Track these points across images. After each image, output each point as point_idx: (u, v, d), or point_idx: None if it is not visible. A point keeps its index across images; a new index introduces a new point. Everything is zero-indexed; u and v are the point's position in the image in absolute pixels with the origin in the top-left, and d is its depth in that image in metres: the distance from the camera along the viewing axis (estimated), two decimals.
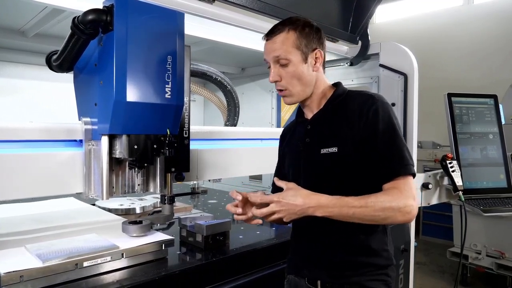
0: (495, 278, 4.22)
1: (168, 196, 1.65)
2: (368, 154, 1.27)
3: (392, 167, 1.25)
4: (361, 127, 1.28)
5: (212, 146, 1.92)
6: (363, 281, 1.31)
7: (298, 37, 1.34)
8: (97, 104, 1.39)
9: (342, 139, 1.31)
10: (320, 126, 1.41)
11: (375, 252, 1.33)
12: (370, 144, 1.27)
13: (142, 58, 1.33)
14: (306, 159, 1.41)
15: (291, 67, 1.34)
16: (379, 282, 1.32)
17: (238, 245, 1.75)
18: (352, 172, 1.31)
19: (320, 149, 1.35)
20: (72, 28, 1.32)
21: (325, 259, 1.36)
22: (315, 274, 1.38)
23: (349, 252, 1.33)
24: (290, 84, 1.36)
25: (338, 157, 1.31)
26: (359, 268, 1.32)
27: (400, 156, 1.26)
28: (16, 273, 1.19)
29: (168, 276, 1.40)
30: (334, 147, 1.32)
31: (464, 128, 3.01)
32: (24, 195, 1.37)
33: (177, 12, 1.43)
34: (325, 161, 1.34)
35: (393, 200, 1.19)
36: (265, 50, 1.39)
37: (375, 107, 1.28)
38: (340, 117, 1.35)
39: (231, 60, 3.44)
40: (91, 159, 1.44)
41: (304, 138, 1.43)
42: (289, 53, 1.33)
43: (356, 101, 1.34)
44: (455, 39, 6.99)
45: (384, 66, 2.63)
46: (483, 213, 2.86)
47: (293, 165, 1.48)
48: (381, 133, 1.26)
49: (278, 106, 3.51)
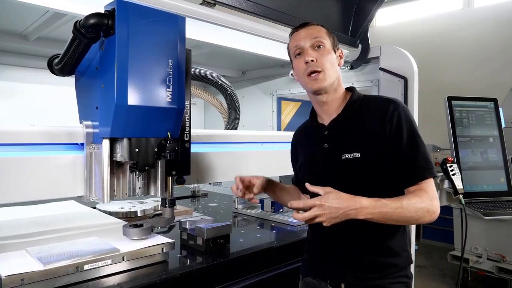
0: (496, 281, 4.21)
1: (169, 199, 1.65)
2: (392, 159, 1.31)
3: (418, 171, 1.30)
4: (385, 133, 1.31)
5: (213, 149, 1.92)
6: (387, 284, 1.33)
7: (327, 31, 1.45)
8: (98, 107, 1.39)
9: (364, 144, 1.34)
10: (339, 131, 1.42)
11: (396, 253, 1.36)
12: (395, 149, 1.31)
13: (143, 62, 1.33)
14: (325, 165, 1.42)
15: (325, 51, 1.40)
16: (401, 285, 1.35)
17: (239, 248, 1.75)
18: (374, 177, 1.33)
19: (341, 154, 1.36)
20: (73, 32, 1.32)
21: (350, 261, 1.37)
22: (339, 276, 1.39)
23: (373, 253, 1.35)
24: (325, 66, 1.39)
25: (361, 162, 1.33)
26: (382, 269, 1.34)
27: (425, 159, 1.31)
28: (17, 276, 1.19)
29: (169, 279, 1.40)
30: (356, 152, 1.34)
31: (464, 131, 3.02)
32: (25, 198, 1.38)
33: (178, 16, 1.44)
34: (347, 166, 1.35)
35: (423, 201, 1.25)
36: (299, 36, 1.43)
37: (398, 112, 1.32)
38: (360, 122, 1.38)
39: (231, 63, 3.45)
40: (92, 163, 1.44)
41: (322, 143, 1.44)
42: (324, 38, 1.41)
43: (376, 106, 1.38)
44: (455, 43, 7.00)
45: (384, 69, 2.63)
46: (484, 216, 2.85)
47: (310, 170, 1.50)
48: (406, 138, 1.30)
49: (279, 110, 3.51)
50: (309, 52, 1.39)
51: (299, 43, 1.42)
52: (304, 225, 2.23)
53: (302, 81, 1.44)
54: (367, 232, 1.34)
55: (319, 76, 1.38)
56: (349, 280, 1.36)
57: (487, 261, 4.10)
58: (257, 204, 2.60)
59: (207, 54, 2.76)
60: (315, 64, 1.38)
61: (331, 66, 1.40)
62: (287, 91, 3.42)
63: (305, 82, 1.42)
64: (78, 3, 1.66)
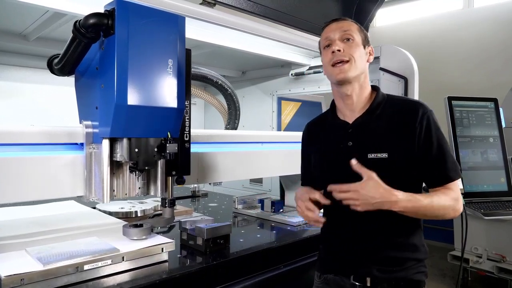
0: (496, 281, 4.20)
1: (169, 199, 1.65)
2: (420, 161, 1.35)
3: (447, 173, 1.36)
4: (415, 135, 1.35)
5: (213, 149, 1.92)
6: (409, 275, 1.39)
7: (359, 27, 1.47)
8: (98, 107, 1.39)
9: (392, 145, 1.36)
10: (364, 130, 1.43)
11: (417, 248, 1.42)
12: (424, 152, 1.35)
13: (143, 62, 1.33)
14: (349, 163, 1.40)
15: (354, 44, 1.41)
16: (421, 274, 1.42)
17: (239, 248, 1.75)
18: (400, 178, 1.34)
19: (367, 153, 1.37)
20: (73, 31, 1.32)
21: (375, 257, 1.40)
22: (364, 271, 1.41)
23: (397, 249, 1.40)
24: (353, 56, 1.40)
25: (389, 163, 1.34)
26: (404, 263, 1.39)
27: (453, 162, 1.37)
28: (17, 276, 1.19)
29: (169, 279, 1.41)
30: (384, 152, 1.36)
31: (465, 131, 3.02)
32: (25, 198, 1.38)
33: (178, 16, 1.44)
34: (374, 166, 1.34)
35: (450, 199, 1.33)
36: (330, 29, 1.45)
37: (427, 116, 1.37)
38: (387, 123, 1.41)
39: (231, 63, 3.45)
40: (92, 163, 1.44)
41: (346, 141, 1.44)
42: (354, 32, 1.43)
43: (404, 108, 1.41)
44: (455, 43, 7.00)
45: (384, 69, 2.63)
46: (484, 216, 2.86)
47: (330, 168, 1.49)
48: (436, 142, 1.35)
49: (279, 110, 3.51)
50: (336, 42, 1.41)
51: (329, 35, 1.44)
52: (305, 225, 2.23)
53: (327, 71, 1.45)
54: (389, 229, 1.39)
55: (344, 66, 1.39)
56: (375, 274, 1.39)
57: (487, 261, 4.09)
58: (257, 204, 2.61)
59: (207, 54, 2.76)
60: (341, 54, 1.39)
61: (359, 58, 1.41)
62: (287, 91, 3.41)
63: (329, 72, 1.43)
64: (78, 3, 1.66)
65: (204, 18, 1.86)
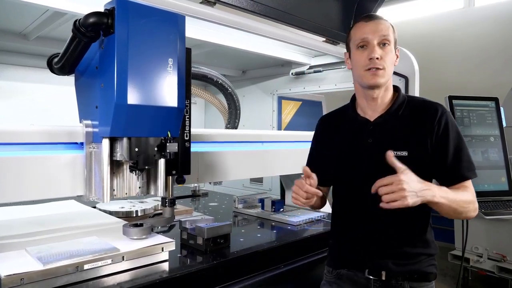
0: (496, 281, 4.20)
1: (169, 198, 1.65)
2: (437, 160, 1.39)
3: (463, 172, 1.40)
4: (433, 135, 1.39)
5: (213, 148, 1.92)
6: (422, 267, 1.44)
7: (393, 29, 1.47)
8: (98, 106, 1.39)
9: (412, 143, 1.40)
10: (385, 128, 1.45)
11: (428, 243, 1.47)
12: (442, 150, 1.39)
13: (143, 61, 1.33)
14: (370, 160, 1.43)
15: (389, 49, 1.43)
16: (433, 267, 1.47)
17: (239, 248, 1.75)
18: (420, 175, 1.32)
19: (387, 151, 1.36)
20: (73, 31, 1.32)
21: (389, 251, 1.43)
22: (379, 265, 1.44)
23: (409, 244, 1.44)
24: (387, 64, 1.42)
25: (409, 161, 1.34)
26: (417, 257, 1.44)
27: (468, 161, 1.41)
28: (16, 276, 1.19)
29: (169, 279, 1.40)
30: (404, 151, 1.38)
31: (465, 130, 3.01)
32: (25, 197, 1.37)
33: (178, 15, 1.44)
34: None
35: (471, 195, 1.38)
36: (368, 29, 1.43)
37: (446, 116, 1.41)
38: (407, 122, 1.44)
39: (232, 62, 3.44)
40: (92, 162, 1.44)
41: (366, 138, 1.46)
42: (390, 36, 1.44)
43: (424, 108, 1.45)
44: (456, 42, 6.99)
45: None
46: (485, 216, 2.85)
47: (349, 164, 1.50)
48: (452, 141, 1.39)
49: (279, 109, 3.51)
50: (376, 49, 1.40)
51: (367, 37, 1.42)
52: (305, 225, 2.23)
53: (358, 74, 1.45)
54: (402, 225, 1.43)
55: (379, 72, 1.41)
56: (390, 267, 1.42)
57: (487, 261, 4.09)
58: (257, 204, 2.60)
59: (208, 53, 2.76)
60: (379, 62, 1.40)
61: (391, 64, 1.44)
62: (287, 91, 3.41)
63: (361, 75, 1.44)
64: (78, 2, 1.65)
65: (204, 17, 1.86)
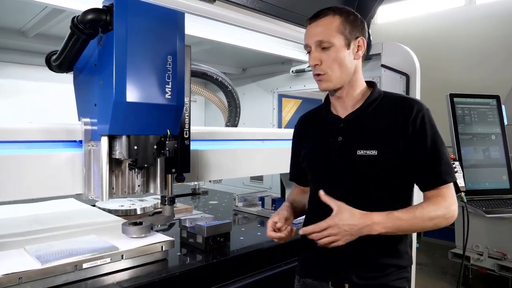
0: (497, 279, 4.19)
1: (169, 197, 1.64)
2: (411, 161, 1.29)
3: (440, 176, 1.28)
4: (408, 134, 1.29)
5: (213, 146, 1.91)
6: (389, 281, 1.33)
7: (342, 22, 1.33)
8: (97, 104, 1.38)
9: (382, 142, 1.31)
10: (355, 126, 1.38)
11: (399, 254, 1.36)
12: (416, 151, 1.29)
13: (142, 58, 1.32)
14: (338, 158, 1.37)
15: (333, 52, 1.32)
16: (403, 280, 1.36)
17: (239, 247, 1.74)
18: (390, 176, 1.31)
19: (356, 150, 1.32)
20: (71, 27, 1.31)
21: (354, 262, 1.35)
22: (342, 276, 1.36)
23: (378, 254, 1.34)
24: (330, 68, 1.33)
25: (378, 161, 1.30)
26: (385, 269, 1.34)
27: (446, 164, 1.29)
28: (15, 275, 1.18)
29: (168, 277, 1.40)
30: (373, 149, 1.30)
31: (466, 128, 3.00)
32: (24, 196, 1.36)
33: (177, 12, 1.42)
34: (362, 163, 1.32)
35: (438, 208, 1.25)
36: (308, 34, 1.37)
37: (422, 114, 1.30)
38: (379, 120, 1.35)
39: (232, 60, 3.43)
40: (91, 160, 1.43)
41: (336, 136, 1.39)
42: (333, 37, 1.32)
43: (399, 105, 1.35)
44: (457, 40, 6.97)
45: (386, 66, 2.61)
46: (486, 214, 2.85)
47: (319, 162, 1.45)
48: (430, 142, 1.28)
49: (279, 107, 3.50)
50: (313, 55, 1.35)
51: (308, 42, 1.37)
52: None
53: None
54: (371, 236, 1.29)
55: (323, 78, 1.35)
56: (353, 280, 1.34)
57: (488, 259, 4.08)
58: (258, 202, 2.60)
59: (207, 51, 2.75)
60: (319, 68, 1.34)
61: (339, 66, 1.33)
62: (287, 88, 3.40)
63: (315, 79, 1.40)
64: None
65: (204, 14, 1.85)
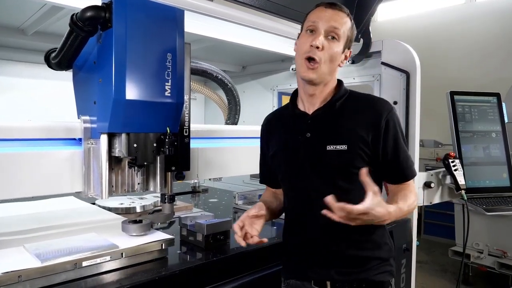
0: (497, 277, 4.20)
1: (168, 195, 1.64)
2: (378, 157, 1.34)
3: (403, 172, 1.37)
4: (381, 133, 1.32)
5: (213, 144, 1.91)
6: (371, 276, 1.34)
7: (351, 27, 1.37)
8: (96, 102, 1.38)
9: (352, 138, 1.33)
10: (324, 122, 1.38)
11: (378, 245, 1.38)
12: (383, 148, 1.33)
13: (142, 56, 1.31)
14: (307, 155, 1.37)
15: (335, 46, 1.32)
16: (385, 274, 1.37)
17: (239, 245, 1.73)
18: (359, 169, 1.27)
19: (326, 145, 1.33)
20: (70, 25, 1.30)
21: (333, 258, 1.35)
22: (323, 275, 1.36)
23: (355, 247, 1.35)
24: (326, 58, 1.32)
25: (348, 155, 1.31)
26: (365, 263, 1.34)
27: (408, 160, 1.38)
28: (14, 273, 1.17)
29: (168, 275, 1.39)
30: (343, 144, 1.32)
31: (467, 126, 2.99)
32: (23, 194, 1.36)
33: (176, 9, 1.42)
34: (333, 158, 1.32)
35: (412, 202, 1.33)
36: (322, 15, 1.33)
37: (391, 114, 1.35)
38: (348, 116, 1.36)
39: (232, 58, 3.43)
40: (91, 158, 1.43)
41: (304, 132, 1.39)
42: (341, 31, 1.33)
43: (367, 104, 1.39)
44: (457, 37, 6.96)
45: (386, 64, 2.60)
46: (486, 212, 2.85)
47: (288, 160, 1.43)
48: (393, 140, 1.34)
49: (279, 105, 3.49)
50: (319, 37, 1.30)
51: (317, 22, 1.32)
52: None
53: (298, 61, 1.36)
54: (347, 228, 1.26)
55: (315, 67, 1.31)
56: (334, 277, 1.34)
57: (488, 257, 4.09)
58: (258, 200, 2.59)
59: (207, 49, 2.74)
60: (318, 54, 1.30)
61: (331, 61, 1.33)
62: (287, 86, 3.39)
63: (299, 63, 1.35)
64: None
65: (203, 12, 1.85)
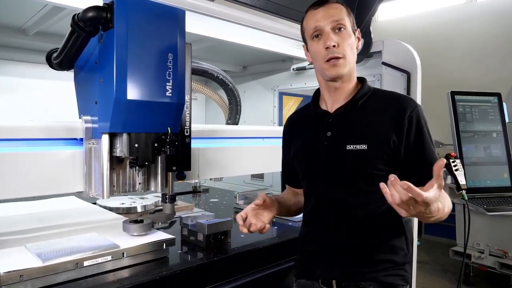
0: (498, 277, 4.20)
1: (169, 195, 1.64)
2: (400, 156, 1.28)
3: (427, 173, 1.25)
4: (403, 131, 1.28)
5: (214, 144, 1.91)
6: (380, 276, 1.29)
7: (347, 10, 1.36)
8: (98, 102, 1.38)
9: (373, 137, 1.29)
10: (344, 120, 1.36)
11: (395, 250, 1.33)
12: (405, 146, 1.28)
13: (143, 56, 1.31)
14: (327, 154, 1.35)
15: (346, 34, 1.32)
16: (397, 277, 1.30)
17: (240, 244, 1.74)
18: (378, 170, 1.29)
19: (346, 145, 1.31)
20: (72, 25, 1.30)
21: (343, 257, 1.33)
22: (330, 274, 1.34)
23: (371, 249, 1.31)
24: (346, 51, 1.31)
25: (368, 155, 1.28)
26: (378, 264, 1.30)
27: (434, 159, 1.27)
28: (15, 273, 1.18)
29: (169, 275, 1.39)
30: (363, 144, 1.28)
31: (468, 126, 3.00)
32: (24, 194, 1.36)
33: (178, 10, 1.42)
34: (352, 158, 1.30)
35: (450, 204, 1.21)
36: (319, 16, 1.33)
37: (417, 111, 1.30)
38: (369, 115, 1.33)
39: (232, 58, 3.43)
40: (92, 158, 1.43)
41: (325, 131, 1.37)
42: (344, 20, 1.32)
43: (391, 101, 1.34)
44: (458, 37, 6.96)
45: (387, 64, 2.60)
46: (487, 212, 2.85)
47: (308, 159, 1.42)
48: (417, 138, 1.29)
49: (280, 105, 3.49)
50: (330, 36, 1.30)
51: (319, 24, 1.32)
52: None
53: (319, 66, 1.35)
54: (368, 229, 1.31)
55: (339, 62, 1.30)
56: (339, 277, 1.32)
57: (489, 257, 4.09)
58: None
59: (208, 49, 2.74)
60: (336, 50, 1.29)
61: (351, 50, 1.32)
62: (288, 86, 3.40)
63: (322, 68, 1.34)
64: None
65: (204, 12, 1.84)
